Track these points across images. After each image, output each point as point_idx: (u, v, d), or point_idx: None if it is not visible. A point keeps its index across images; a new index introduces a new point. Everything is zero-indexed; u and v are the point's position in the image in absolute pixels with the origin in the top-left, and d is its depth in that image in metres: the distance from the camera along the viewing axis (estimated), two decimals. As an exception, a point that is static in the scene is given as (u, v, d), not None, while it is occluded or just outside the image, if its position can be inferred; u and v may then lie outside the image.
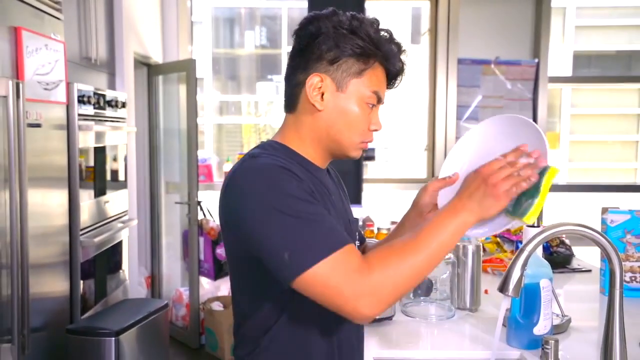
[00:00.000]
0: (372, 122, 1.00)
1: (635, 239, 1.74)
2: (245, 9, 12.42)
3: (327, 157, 1.05)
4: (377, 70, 0.98)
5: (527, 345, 1.31)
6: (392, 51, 0.99)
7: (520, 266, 0.99)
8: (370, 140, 1.02)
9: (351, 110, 0.97)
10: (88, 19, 2.59)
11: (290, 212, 0.86)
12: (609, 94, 12.51)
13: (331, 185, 1.09)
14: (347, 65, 0.97)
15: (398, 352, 1.32)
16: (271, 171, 0.90)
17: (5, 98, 1.74)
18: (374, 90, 0.98)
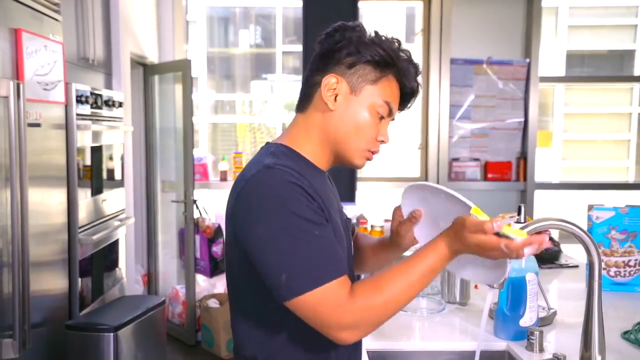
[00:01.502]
0: (380, 133, 1.02)
1: (619, 234, 1.80)
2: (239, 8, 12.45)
3: (332, 160, 1.06)
4: (392, 83, 1.02)
5: (513, 337, 1.37)
6: (409, 69, 1.03)
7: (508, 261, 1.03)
8: (376, 151, 1.04)
9: (361, 114, 1.00)
10: (85, 20, 2.63)
11: (294, 233, 0.89)
12: (601, 93, 12.60)
13: (330, 186, 1.13)
14: (364, 72, 1.00)
15: (390, 344, 1.37)
16: (283, 189, 0.92)
17: (6, 98, 1.77)
18: (386, 100, 1.01)
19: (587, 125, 12.94)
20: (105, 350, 2.15)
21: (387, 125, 1.04)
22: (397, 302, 0.91)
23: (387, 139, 1.04)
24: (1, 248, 1.80)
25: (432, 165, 4.00)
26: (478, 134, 4.02)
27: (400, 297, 0.90)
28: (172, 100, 3.85)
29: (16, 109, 1.80)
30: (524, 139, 4.02)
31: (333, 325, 0.89)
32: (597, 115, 12.88)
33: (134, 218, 3.09)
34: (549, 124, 13.24)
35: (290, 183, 0.92)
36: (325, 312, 0.88)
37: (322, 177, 1.07)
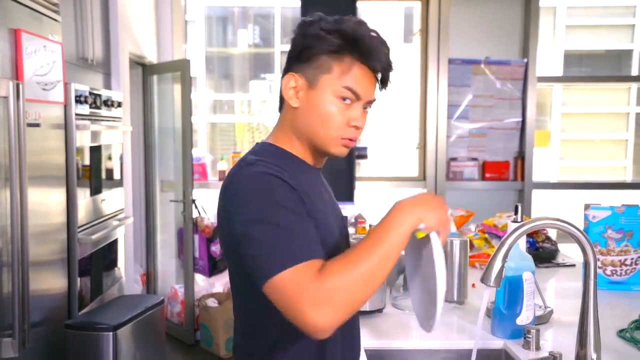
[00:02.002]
0: (351, 118, 1.01)
1: (615, 234, 1.81)
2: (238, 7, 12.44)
3: (315, 154, 1.08)
4: (354, 68, 1.00)
5: (510, 335, 1.38)
6: (372, 49, 1.01)
7: (502, 258, 1.05)
8: (351, 137, 1.03)
9: (323, 106, 1.01)
10: (84, 20, 2.63)
11: (272, 220, 0.91)
12: (599, 93, 12.63)
13: (324, 184, 1.15)
14: (319, 63, 1.01)
15: (388, 342, 1.38)
16: (263, 180, 0.95)
17: (5, 99, 1.78)
18: (346, 85, 1.00)
19: (585, 125, 12.98)
20: (105, 350, 2.16)
21: (360, 110, 1.02)
22: (367, 279, 0.88)
23: (359, 122, 1.02)
24: (1, 248, 1.81)
25: (430, 164, 4.01)
26: (476, 133, 4.04)
27: (370, 274, 0.88)
28: (170, 100, 3.85)
29: (16, 109, 1.80)
30: (522, 139, 4.04)
31: (304, 303, 0.84)
32: (594, 115, 12.91)
33: (132, 218, 3.10)
34: (547, 123, 13.28)
35: (268, 175, 0.95)
36: (294, 293, 0.85)
37: (310, 172, 1.08)
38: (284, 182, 0.95)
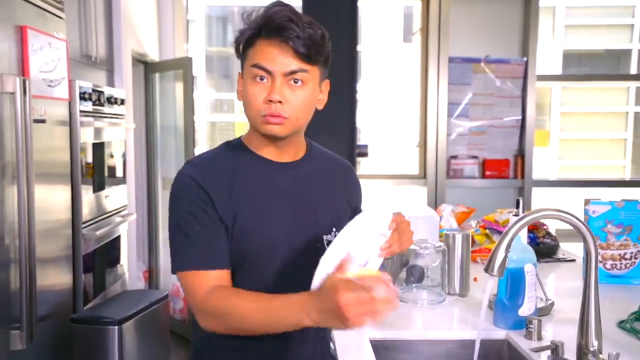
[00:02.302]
0: (267, 97, 1.04)
1: (615, 228, 1.83)
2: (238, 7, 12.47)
3: (265, 140, 1.11)
4: (256, 45, 1.05)
5: (512, 326, 1.40)
6: (268, 20, 1.03)
7: (505, 248, 1.07)
8: (270, 113, 1.04)
9: (245, 91, 1.08)
10: (88, 17, 2.65)
11: (176, 223, 1.07)
12: (598, 93, 12.62)
13: (283, 182, 1.13)
14: (243, 58, 1.10)
15: (392, 333, 1.40)
16: (178, 184, 1.09)
17: (12, 94, 1.80)
18: (254, 63, 1.05)
19: (584, 124, 12.97)
20: (110, 344, 2.18)
21: (279, 83, 1.04)
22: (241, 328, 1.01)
23: (272, 95, 1.03)
24: (8, 244, 1.83)
25: (431, 162, 4.03)
26: (476, 131, 4.06)
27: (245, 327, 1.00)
28: (172, 99, 3.87)
29: (22, 105, 1.82)
30: (522, 137, 4.06)
31: (193, 306, 1.05)
32: (593, 114, 12.90)
33: (135, 214, 3.12)
34: (546, 123, 13.27)
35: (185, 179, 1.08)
36: (188, 293, 1.05)
37: (263, 167, 1.12)
38: (194, 186, 1.06)
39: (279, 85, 1.04)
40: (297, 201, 1.13)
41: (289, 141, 1.12)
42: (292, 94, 1.05)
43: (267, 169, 1.12)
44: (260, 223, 1.08)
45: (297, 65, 1.04)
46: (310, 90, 1.07)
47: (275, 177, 1.13)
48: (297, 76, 1.05)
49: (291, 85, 1.05)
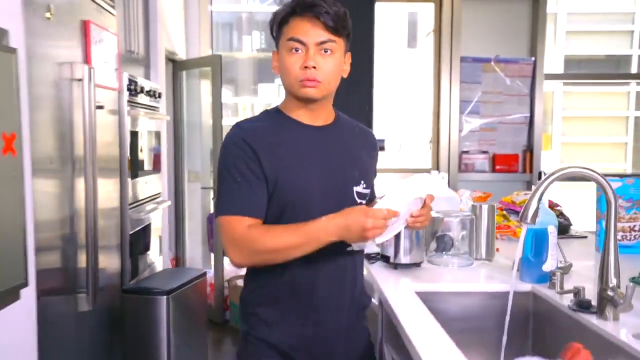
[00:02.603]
0: (303, 64, 1.24)
1: (625, 203, 2.02)
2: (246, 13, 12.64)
3: (300, 106, 1.31)
4: (290, 22, 1.26)
5: (537, 280, 1.58)
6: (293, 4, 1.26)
7: (537, 199, 1.26)
8: (307, 78, 1.24)
9: (282, 61, 1.28)
10: (132, 16, 2.85)
11: (225, 176, 1.27)
12: (599, 98, 12.81)
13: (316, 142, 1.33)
14: (278, 35, 1.30)
15: (434, 286, 1.59)
16: (229, 143, 1.29)
17: (80, 81, 2.00)
18: (290, 37, 1.25)
19: (585, 128, 13.14)
20: (159, 312, 2.37)
21: (312, 52, 1.24)
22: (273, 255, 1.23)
23: (308, 62, 1.23)
24: (77, 222, 2.02)
25: (444, 157, 4.23)
26: (486, 128, 4.25)
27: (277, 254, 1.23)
28: (197, 96, 4.07)
29: (88, 92, 2.01)
30: (530, 133, 4.25)
31: (227, 245, 1.25)
32: (594, 118, 13.08)
33: (170, 201, 3.30)
34: (548, 127, 13.43)
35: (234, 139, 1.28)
36: (226, 233, 1.25)
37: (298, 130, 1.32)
38: (240, 148, 1.26)
39: (313, 54, 1.24)
40: (329, 159, 1.34)
41: (321, 105, 1.33)
42: (324, 61, 1.25)
43: (303, 131, 1.32)
44: (298, 178, 1.29)
45: (326, 36, 1.24)
46: (337, 58, 1.28)
47: (310, 139, 1.33)
48: (327, 46, 1.25)
49: (322, 54, 1.25)
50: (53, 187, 1.88)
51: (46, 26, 1.79)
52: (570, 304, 1.37)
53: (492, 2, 4.21)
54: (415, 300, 1.45)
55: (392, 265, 1.78)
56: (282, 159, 1.27)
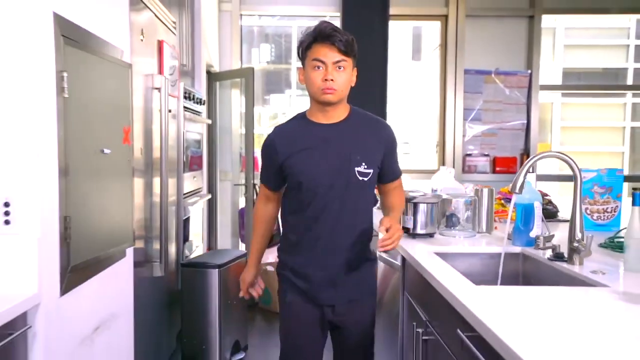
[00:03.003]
0: (324, 78, 1.69)
1: (600, 189, 2.48)
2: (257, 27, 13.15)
3: (322, 110, 1.77)
4: (313, 47, 1.71)
5: (525, 244, 2.04)
6: (320, 32, 1.70)
7: (523, 174, 1.72)
8: (326, 87, 1.70)
9: (307, 74, 1.74)
10: (183, 34, 3.34)
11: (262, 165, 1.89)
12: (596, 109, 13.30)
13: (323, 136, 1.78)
14: (304, 56, 1.76)
15: (445, 248, 2.05)
16: (265, 142, 1.86)
17: (158, 89, 2.47)
18: (314, 58, 1.70)
19: (583, 138, 13.62)
20: (212, 282, 2.82)
21: (330, 69, 1.69)
22: None
23: (330, 76, 1.69)
24: (157, 201, 2.48)
25: (449, 159, 4.69)
26: (487, 133, 4.72)
27: None
28: (228, 104, 4.55)
29: (165, 99, 2.49)
30: (527, 138, 4.72)
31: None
32: (592, 129, 13.57)
33: (210, 195, 3.77)
34: (548, 136, 13.89)
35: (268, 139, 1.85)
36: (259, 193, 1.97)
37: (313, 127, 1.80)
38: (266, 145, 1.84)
39: (330, 70, 1.72)
40: (335, 146, 1.80)
41: (335, 107, 1.80)
42: (338, 75, 1.71)
43: (316, 128, 1.81)
44: (308, 163, 1.78)
45: (340, 57, 1.71)
46: (348, 73, 1.74)
47: (320, 133, 1.81)
48: (340, 64, 1.71)
49: (337, 70, 1.72)
50: (139, 176, 2.35)
51: (139, 46, 2.27)
52: (549, 256, 1.83)
53: (493, 20, 4.70)
54: (433, 256, 1.91)
55: (411, 235, 2.25)
56: (297, 151, 1.78)
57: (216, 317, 2.86)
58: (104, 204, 1.80)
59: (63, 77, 1.48)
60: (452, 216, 2.38)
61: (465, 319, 1.30)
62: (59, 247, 1.50)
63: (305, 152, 1.76)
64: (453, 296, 1.40)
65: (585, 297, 1.39)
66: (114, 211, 1.90)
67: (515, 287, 1.77)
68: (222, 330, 2.91)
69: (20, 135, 1.39)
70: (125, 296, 2.08)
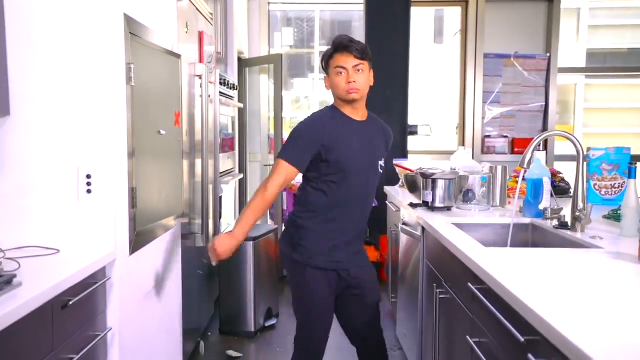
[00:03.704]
0: (347, 79, 1.96)
1: (607, 166, 2.66)
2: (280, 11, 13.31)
3: (348, 107, 2.02)
4: (335, 56, 1.98)
5: (535, 215, 2.25)
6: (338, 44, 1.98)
7: (531, 151, 1.93)
8: (350, 88, 1.96)
9: (332, 80, 2.01)
10: (218, 24, 3.58)
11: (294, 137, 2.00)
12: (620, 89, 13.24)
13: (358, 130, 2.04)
14: (327, 65, 2.03)
15: (461, 219, 2.27)
16: (306, 122, 2.03)
17: (200, 77, 2.72)
18: (336, 65, 1.98)
19: (606, 119, 13.58)
20: (247, 253, 3.09)
21: (351, 72, 1.96)
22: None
23: (352, 78, 1.96)
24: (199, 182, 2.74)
25: (468, 140, 4.87)
26: (506, 115, 4.88)
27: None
28: (257, 89, 4.79)
29: (205, 85, 2.73)
30: (545, 119, 4.87)
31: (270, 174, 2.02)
32: (615, 109, 13.52)
33: (242, 175, 4.03)
34: (570, 118, 13.87)
35: (309, 121, 2.04)
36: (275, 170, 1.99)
37: (344, 121, 2.03)
38: (310, 128, 2.00)
39: (351, 74, 1.99)
40: (364, 141, 2.06)
41: (359, 104, 2.07)
42: (358, 76, 1.98)
43: (349, 121, 2.05)
44: (343, 150, 2.01)
45: (357, 62, 1.98)
46: (366, 73, 2.00)
47: (353, 126, 2.06)
48: (358, 67, 1.98)
49: (356, 72, 1.99)
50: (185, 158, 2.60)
51: (184, 37, 2.51)
52: (554, 225, 2.04)
53: (512, 4, 4.83)
54: (450, 226, 2.13)
55: (430, 208, 2.47)
56: (333, 139, 2.00)
57: (251, 285, 3.14)
58: (160, 178, 2.06)
59: (130, 68, 1.73)
60: (468, 192, 2.60)
61: (475, 274, 1.53)
62: (128, 213, 1.76)
63: (347, 139, 2.01)
64: (465, 255, 1.63)
65: (581, 257, 1.60)
66: (168, 185, 2.16)
67: (520, 248, 1.99)
68: (256, 297, 3.19)
69: (98, 120, 1.65)
70: (175, 262, 2.35)
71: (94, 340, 1.54)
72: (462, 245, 1.73)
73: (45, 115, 1.63)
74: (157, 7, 2.06)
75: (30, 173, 1.64)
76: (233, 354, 3.02)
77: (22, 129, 1.63)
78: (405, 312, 2.81)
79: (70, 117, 1.64)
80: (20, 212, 1.64)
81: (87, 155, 1.65)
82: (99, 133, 1.65)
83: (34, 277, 1.33)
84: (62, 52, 1.62)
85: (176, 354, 2.37)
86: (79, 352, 1.44)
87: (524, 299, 1.18)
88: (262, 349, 3.15)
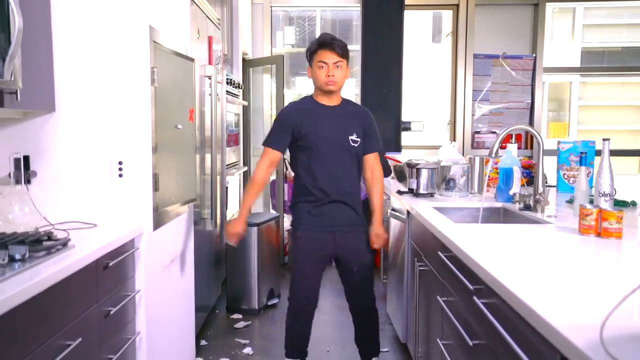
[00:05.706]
0: (327, 74, 2.29)
1: (575, 157, 2.96)
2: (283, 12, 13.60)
3: (324, 95, 2.36)
4: (318, 52, 2.31)
5: (505, 200, 2.55)
6: (321, 41, 2.31)
7: (498, 142, 2.23)
8: (329, 81, 2.30)
9: (314, 72, 2.35)
10: (225, 27, 3.88)
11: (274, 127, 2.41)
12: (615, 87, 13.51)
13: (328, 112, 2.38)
14: (311, 58, 2.37)
15: (441, 203, 2.57)
16: (282, 112, 2.45)
17: (209, 77, 3.02)
18: (319, 60, 2.31)
19: (602, 117, 13.87)
20: (252, 239, 3.40)
21: (331, 68, 2.29)
22: None
23: (331, 73, 2.29)
24: (208, 173, 3.05)
25: (459, 136, 5.17)
26: (495, 112, 5.18)
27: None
28: (260, 88, 5.10)
29: (214, 85, 3.04)
30: (531, 116, 5.16)
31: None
32: (610, 107, 13.82)
33: (246, 167, 4.34)
34: (566, 116, 14.18)
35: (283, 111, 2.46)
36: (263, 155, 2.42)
37: (317, 107, 2.39)
38: (286, 114, 2.40)
39: (331, 68, 2.32)
40: (334, 120, 2.39)
41: (335, 94, 2.40)
42: (337, 72, 2.34)
43: (321, 107, 2.39)
44: (313, 127, 2.35)
45: (337, 59, 2.34)
46: (344, 70, 2.36)
47: (324, 111, 2.40)
48: (338, 64, 2.34)
49: (336, 68, 2.34)
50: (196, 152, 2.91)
51: (195, 42, 2.82)
52: (519, 207, 2.34)
53: (501, 8, 5.12)
54: (432, 209, 2.43)
55: (415, 194, 2.78)
56: (307, 122, 2.34)
57: (255, 267, 3.45)
58: (176, 167, 2.37)
59: (154, 71, 2.03)
60: (450, 180, 2.90)
61: (443, 243, 1.84)
62: (152, 195, 2.07)
63: (316, 121, 2.34)
64: (437, 230, 1.94)
65: (533, 230, 1.91)
66: (183, 174, 2.47)
67: (484, 224, 2.30)
68: (260, 279, 3.50)
69: (128, 115, 1.96)
70: (188, 242, 2.66)
71: (126, 299, 1.85)
72: (436, 223, 2.04)
73: (84, 112, 1.94)
74: (174, 17, 2.36)
75: (71, 160, 1.95)
76: (239, 329, 3.34)
77: (65, 123, 1.94)
78: (394, 289, 3.12)
79: (104, 114, 1.95)
80: (63, 193, 1.95)
81: (119, 145, 1.96)
82: (128, 127, 1.96)
83: (82, 244, 1.64)
84: (98, 58, 1.93)
85: (189, 322, 2.68)
86: (116, 306, 1.75)
87: (473, 256, 1.49)
88: (265, 323, 3.46)
